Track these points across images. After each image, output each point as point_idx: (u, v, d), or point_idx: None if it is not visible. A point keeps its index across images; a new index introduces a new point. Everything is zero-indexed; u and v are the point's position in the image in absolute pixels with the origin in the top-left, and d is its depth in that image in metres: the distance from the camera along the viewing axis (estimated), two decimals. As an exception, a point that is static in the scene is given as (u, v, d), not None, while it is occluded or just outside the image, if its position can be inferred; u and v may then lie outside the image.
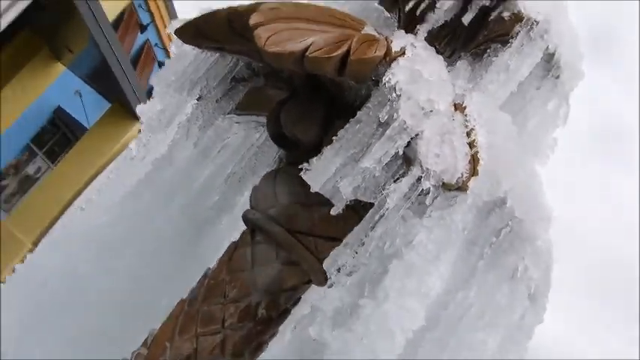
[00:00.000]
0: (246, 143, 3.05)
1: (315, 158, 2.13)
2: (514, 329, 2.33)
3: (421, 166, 2.06)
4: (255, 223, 2.52)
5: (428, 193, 2.07)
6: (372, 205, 2.17)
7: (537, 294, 2.43)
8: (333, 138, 2.14)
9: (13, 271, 2.83)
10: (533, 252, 2.25)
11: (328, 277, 2.10)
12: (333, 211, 2.11)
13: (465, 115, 2.30)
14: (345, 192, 2.06)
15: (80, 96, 15.02)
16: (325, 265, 2.12)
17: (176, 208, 2.91)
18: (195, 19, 2.49)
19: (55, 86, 13.83)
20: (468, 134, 2.25)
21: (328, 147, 2.12)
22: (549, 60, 2.74)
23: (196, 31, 2.49)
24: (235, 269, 2.48)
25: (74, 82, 14.40)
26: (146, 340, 2.45)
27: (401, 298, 1.94)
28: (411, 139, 2.09)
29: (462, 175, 2.13)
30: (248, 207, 2.65)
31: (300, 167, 2.17)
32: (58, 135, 15.85)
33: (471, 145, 2.22)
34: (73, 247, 2.81)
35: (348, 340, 1.93)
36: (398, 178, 2.06)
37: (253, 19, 2.23)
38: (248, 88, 2.86)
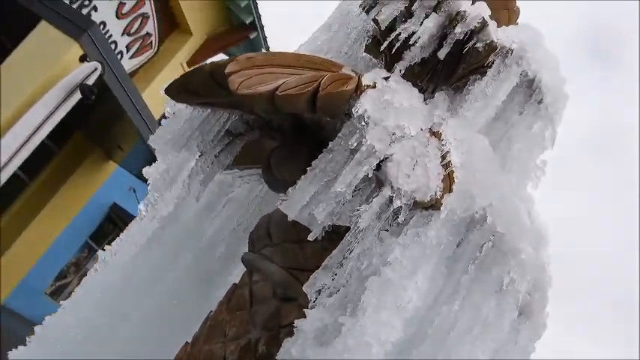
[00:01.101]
0: (250, 195, 3.17)
1: (290, 188, 2.24)
2: (508, 344, 2.33)
3: (392, 186, 2.14)
4: (252, 264, 2.62)
5: (400, 212, 2.14)
6: (356, 230, 2.25)
7: (532, 309, 2.43)
8: (307, 168, 2.25)
9: (33, 333, 2.96)
10: (517, 265, 2.27)
11: (310, 299, 2.16)
12: (311, 237, 2.20)
13: (441, 140, 2.38)
14: (319, 217, 2.15)
15: (134, 192, 15.53)
16: (305, 287, 2.18)
17: (186, 261, 3.02)
18: (181, 76, 2.67)
19: (110, 184, 14.35)
20: (443, 157, 2.33)
21: (302, 177, 2.23)
22: (530, 85, 2.81)
23: (183, 88, 2.66)
24: (234, 309, 2.56)
25: (127, 179, 14.91)
26: (154, 382, 2.53)
27: (376, 312, 1.99)
28: (381, 162, 2.18)
29: (436, 192, 2.20)
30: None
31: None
32: (115, 231, 16.32)
33: (446, 165, 2.30)
34: (90, 305, 2.94)
35: (328, 357, 1.97)
36: (370, 200, 2.14)
37: (229, 68, 2.40)
38: (244, 141, 3.00)
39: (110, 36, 12.32)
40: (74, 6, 11.37)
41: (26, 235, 13.01)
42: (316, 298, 2.16)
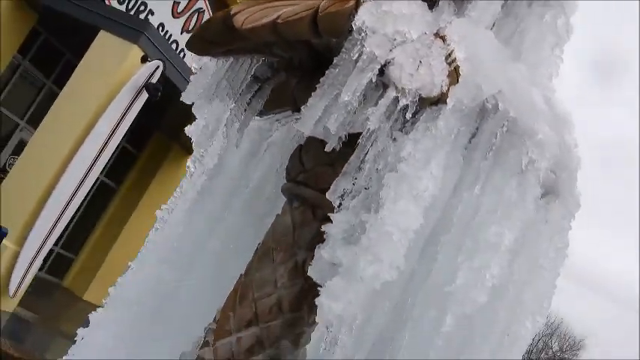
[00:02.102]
0: (289, 136, 3.31)
1: (302, 107, 2.36)
2: (538, 223, 2.39)
3: (396, 87, 2.23)
4: (289, 191, 2.76)
5: (409, 110, 2.23)
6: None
7: (560, 188, 2.48)
8: (317, 85, 2.36)
9: (109, 294, 3.20)
10: (535, 145, 2.32)
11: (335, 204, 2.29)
12: (328, 148, 2.32)
13: (445, 40, 2.45)
14: (332, 128, 2.26)
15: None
16: (328, 195, 2.31)
17: (236, 207, 3.19)
18: (197, 29, 2.83)
19: (192, 178, 14.78)
20: (448, 55, 2.39)
21: (312, 94, 2.35)
22: (537, -24, 2.82)
23: (202, 40, 2.82)
24: (279, 236, 2.71)
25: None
26: (215, 315, 2.71)
27: (394, 203, 2.09)
28: (383, 67, 2.27)
29: (441, 87, 2.27)
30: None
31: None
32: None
33: (451, 62, 2.36)
34: (155, 261, 3.15)
35: (356, 254, 2.09)
36: (377, 103, 2.24)
37: (234, 10, 2.56)
38: (273, 85, 3.13)
39: (170, 36, 12.69)
40: (131, 13, 11.81)
41: (122, 239, 13.64)
42: (340, 204, 2.27)
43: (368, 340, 2.23)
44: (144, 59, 9.99)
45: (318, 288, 2.22)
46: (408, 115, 2.22)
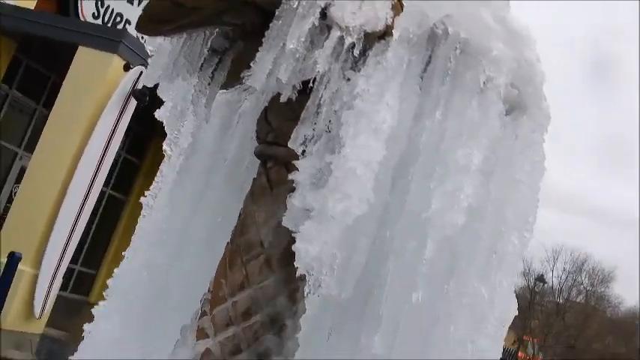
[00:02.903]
0: (258, 104, 3.30)
1: (251, 63, 2.36)
2: (507, 139, 2.39)
3: (339, 26, 2.22)
4: (261, 153, 2.76)
5: (355, 47, 2.23)
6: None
7: (526, 102, 2.47)
8: (262, 40, 2.36)
9: (112, 276, 3.24)
10: (490, 62, 2.31)
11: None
12: (282, 98, 2.32)
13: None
14: (284, 78, 2.27)
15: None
16: (290, 144, 2.31)
17: (217, 182, 3.20)
18: (143, 11, 2.82)
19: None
20: (391, -11, 2.38)
21: (259, 49, 2.35)
22: None
23: (150, 21, 2.82)
24: (258, 197, 2.71)
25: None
26: (209, 286, 2.73)
27: (354, 139, 2.09)
28: (325, 9, 2.26)
29: (387, 19, 2.27)
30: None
31: None
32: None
33: (394, -5, 2.35)
34: (146, 247, 3.18)
35: (324, 195, 2.09)
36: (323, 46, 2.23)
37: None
38: (232, 55, 3.12)
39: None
40: (108, 25, 11.82)
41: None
42: (304, 151, 2.28)
43: (351, 279, 2.24)
44: (126, 67, 9.99)
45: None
46: (357, 53, 2.22)
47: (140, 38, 12.10)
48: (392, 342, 2.19)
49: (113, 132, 9.76)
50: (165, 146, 3.33)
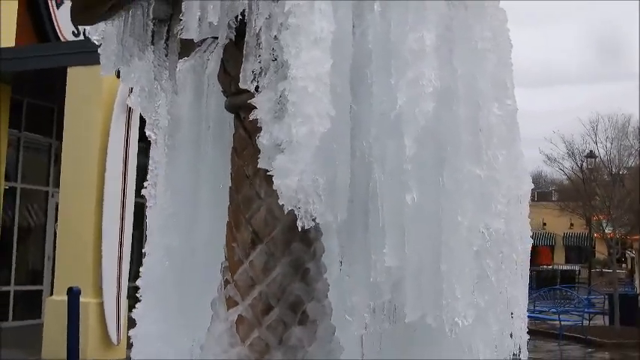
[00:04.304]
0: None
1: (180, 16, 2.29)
2: (458, 15, 2.26)
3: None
4: (231, 105, 2.69)
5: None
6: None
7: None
8: None
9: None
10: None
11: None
12: (220, 41, 2.25)
13: None
14: (214, 20, 2.19)
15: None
16: (241, 84, 2.23)
17: (208, 150, 3.13)
18: (73, 3, 2.76)
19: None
20: None
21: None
22: None
23: (81, 9, 2.75)
24: (240, 150, 2.65)
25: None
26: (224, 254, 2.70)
27: (297, 57, 1.99)
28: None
29: None
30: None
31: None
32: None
33: None
34: (161, 236, 3.15)
35: (288, 124, 2.01)
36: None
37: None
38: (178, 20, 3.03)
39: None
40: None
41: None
42: (257, 87, 2.20)
43: (342, 199, 2.16)
44: (118, 74, 9.95)
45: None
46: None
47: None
48: (402, 250, 2.11)
49: (127, 141, 9.81)
50: (147, 132, 3.27)
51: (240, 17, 2.28)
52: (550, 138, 34.62)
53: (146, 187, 3.30)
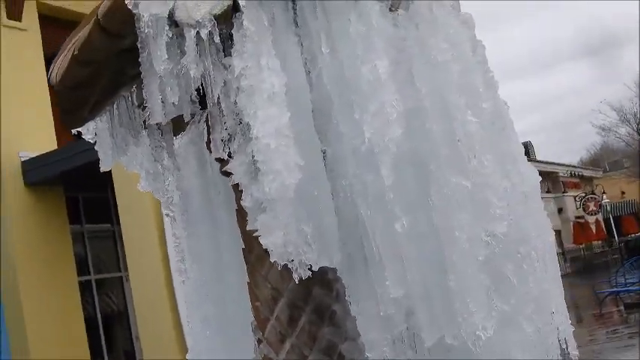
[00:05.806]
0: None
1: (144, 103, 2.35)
2: (405, 32, 2.24)
3: (190, 25, 2.15)
4: (222, 171, 2.73)
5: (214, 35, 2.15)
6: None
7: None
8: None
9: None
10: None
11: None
12: (186, 118, 2.30)
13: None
14: (175, 100, 2.23)
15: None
16: (213, 154, 2.27)
17: (221, 213, 3.17)
18: (59, 107, 2.86)
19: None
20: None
21: (142, 87, 2.33)
22: None
23: (67, 114, 2.85)
24: (244, 212, 2.67)
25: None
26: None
27: (255, 118, 2.02)
28: (171, 17, 2.20)
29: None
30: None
31: None
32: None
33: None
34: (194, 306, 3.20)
35: (262, 183, 2.03)
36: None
37: (50, 71, 2.56)
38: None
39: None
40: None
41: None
42: (229, 154, 2.23)
43: (333, 241, 2.15)
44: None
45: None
46: (219, 39, 2.14)
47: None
48: (404, 278, 2.08)
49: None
50: (164, 211, 3.34)
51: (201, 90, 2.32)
52: (599, 109, 33.61)
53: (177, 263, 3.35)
